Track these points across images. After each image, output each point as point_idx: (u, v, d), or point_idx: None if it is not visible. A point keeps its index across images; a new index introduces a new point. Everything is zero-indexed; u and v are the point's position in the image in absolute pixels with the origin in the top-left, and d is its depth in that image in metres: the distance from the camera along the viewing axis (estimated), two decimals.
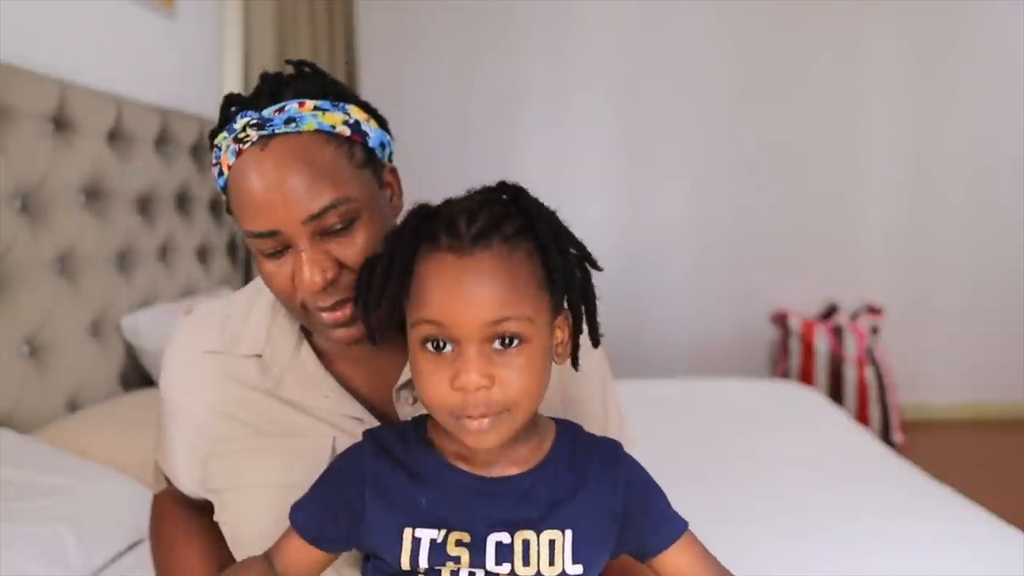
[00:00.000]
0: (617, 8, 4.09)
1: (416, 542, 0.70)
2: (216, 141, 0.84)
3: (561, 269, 0.70)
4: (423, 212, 0.72)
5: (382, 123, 0.89)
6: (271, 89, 0.84)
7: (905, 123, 4.17)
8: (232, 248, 2.96)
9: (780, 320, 3.99)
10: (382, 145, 0.88)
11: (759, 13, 4.08)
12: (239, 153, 0.80)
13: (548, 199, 0.75)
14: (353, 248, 0.81)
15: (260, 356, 0.92)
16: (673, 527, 0.77)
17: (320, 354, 0.93)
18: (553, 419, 0.79)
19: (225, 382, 0.92)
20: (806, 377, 3.84)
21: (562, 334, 0.74)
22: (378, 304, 0.73)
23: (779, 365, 3.97)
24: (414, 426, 0.77)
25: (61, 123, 1.91)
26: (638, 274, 4.10)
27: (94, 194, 2.05)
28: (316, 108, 0.82)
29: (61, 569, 1.26)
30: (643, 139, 4.16)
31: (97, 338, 2.02)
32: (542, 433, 0.76)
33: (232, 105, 0.85)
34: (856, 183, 4.19)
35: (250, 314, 0.95)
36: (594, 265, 0.75)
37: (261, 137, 0.79)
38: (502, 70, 4.05)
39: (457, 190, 0.75)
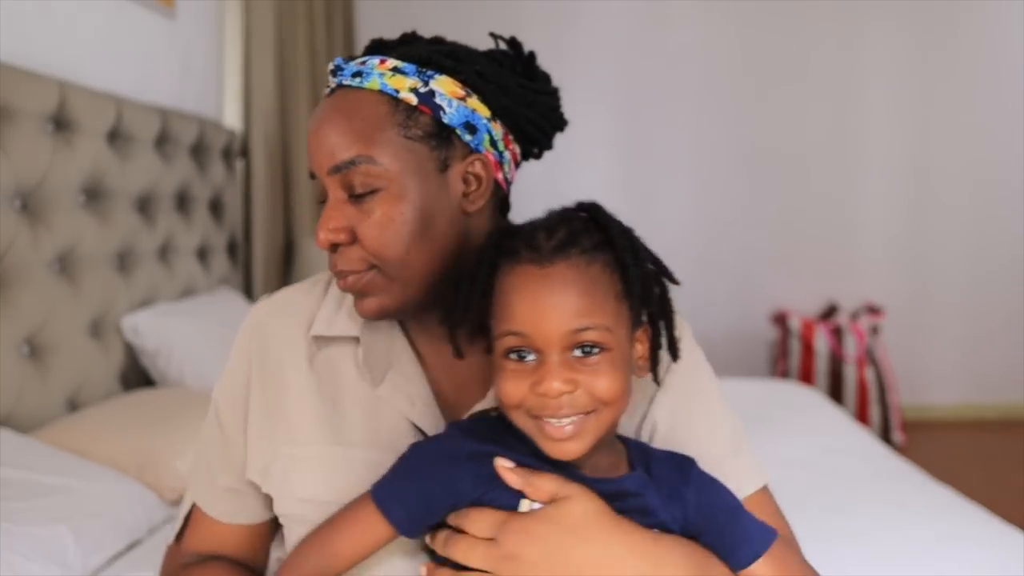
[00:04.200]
0: (617, 7, 4.09)
1: None
2: None
3: (638, 280, 0.71)
4: (504, 230, 0.74)
5: (503, 111, 0.81)
6: (379, 45, 0.83)
7: (905, 123, 4.17)
8: (232, 248, 2.96)
9: (780, 320, 3.99)
10: (468, 127, 0.78)
11: (759, 13, 4.08)
12: (324, 97, 0.82)
13: (548, 199, 0.75)
14: (366, 220, 0.76)
15: (357, 340, 0.84)
16: (753, 545, 0.75)
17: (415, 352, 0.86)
18: (619, 437, 0.79)
19: (317, 369, 0.84)
20: (806, 377, 3.84)
21: (642, 348, 0.75)
22: (461, 321, 0.74)
23: (779, 365, 3.97)
24: (499, 421, 0.75)
25: (61, 123, 1.91)
26: None
27: (94, 194, 2.05)
28: (393, 69, 0.78)
29: (60, 569, 1.27)
30: (643, 139, 4.16)
31: (97, 338, 2.02)
32: (618, 451, 0.77)
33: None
34: (856, 183, 4.19)
35: (344, 296, 0.86)
36: (672, 279, 0.76)
37: (338, 85, 0.80)
38: None
39: None
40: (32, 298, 1.78)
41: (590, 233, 0.72)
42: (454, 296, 0.75)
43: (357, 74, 0.78)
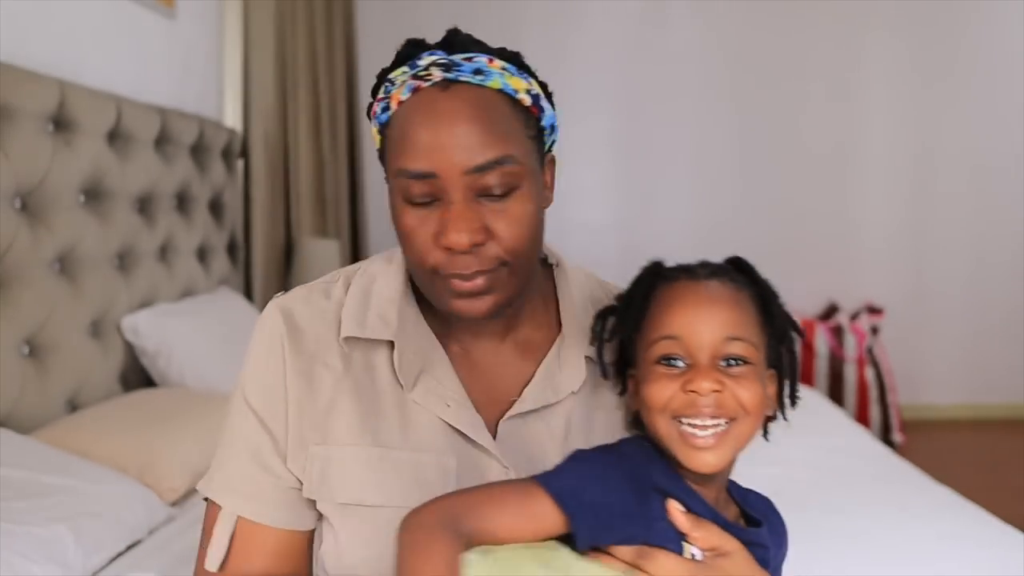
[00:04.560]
0: (617, 7, 4.09)
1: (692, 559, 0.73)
2: (391, 76, 0.80)
3: (780, 315, 0.78)
4: (657, 264, 0.81)
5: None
6: (460, 40, 0.81)
7: (905, 123, 4.17)
8: (232, 248, 2.96)
9: None
10: (552, 128, 0.83)
11: (759, 13, 4.08)
12: (416, 90, 0.77)
13: None
14: (506, 218, 0.76)
15: (390, 343, 0.83)
16: None
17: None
18: None
19: (352, 370, 0.83)
20: (806, 377, 3.84)
21: (771, 388, 0.79)
22: (611, 338, 0.80)
23: None
24: (652, 446, 0.77)
25: (61, 123, 1.91)
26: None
27: (94, 194, 2.04)
28: (504, 68, 0.78)
29: (60, 569, 1.27)
30: (643, 139, 4.16)
31: (97, 338, 2.02)
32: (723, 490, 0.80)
33: (415, 47, 0.81)
34: (856, 183, 4.19)
35: (371, 295, 0.85)
36: (799, 331, 0.81)
37: (446, 79, 0.76)
38: None
39: None
40: (32, 298, 1.78)
41: (736, 273, 0.79)
42: (622, 311, 0.80)
43: (478, 72, 0.77)
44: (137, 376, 2.19)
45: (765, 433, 0.80)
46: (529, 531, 0.72)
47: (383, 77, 0.81)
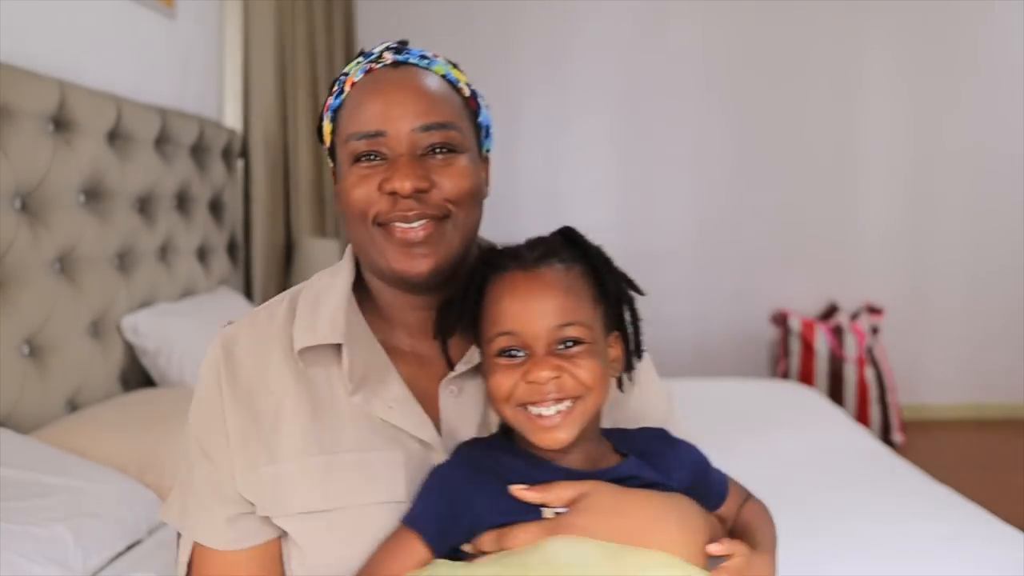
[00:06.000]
0: (617, 7, 4.09)
1: None
2: (346, 69, 0.89)
3: (613, 284, 0.82)
4: (490, 249, 0.84)
5: None
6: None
7: (905, 123, 4.16)
8: (232, 248, 2.96)
9: (780, 320, 3.99)
10: (488, 131, 0.91)
11: (758, 13, 4.08)
12: (369, 71, 0.85)
13: (548, 199, 0.76)
14: (450, 172, 0.82)
15: (338, 348, 0.86)
16: (721, 487, 0.88)
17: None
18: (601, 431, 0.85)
19: (306, 383, 0.86)
20: (806, 377, 3.84)
21: (615, 352, 0.83)
22: (453, 330, 0.83)
23: (779, 365, 3.97)
24: (502, 439, 0.82)
25: (61, 123, 1.91)
26: (638, 274, 3.99)
27: (94, 194, 2.05)
28: (448, 62, 0.89)
29: (60, 569, 1.27)
30: (643, 139, 4.16)
31: (97, 338, 2.02)
32: (604, 443, 0.83)
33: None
34: (856, 183, 4.19)
35: (319, 306, 0.88)
36: (637, 290, 0.85)
37: (396, 62, 0.85)
38: (502, 70, 4.05)
39: None
40: (32, 298, 1.78)
41: (566, 248, 0.81)
42: (445, 310, 0.84)
43: (424, 57, 0.87)
44: (137, 376, 2.19)
45: (620, 385, 0.85)
46: (411, 567, 0.76)
47: (336, 81, 0.88)
